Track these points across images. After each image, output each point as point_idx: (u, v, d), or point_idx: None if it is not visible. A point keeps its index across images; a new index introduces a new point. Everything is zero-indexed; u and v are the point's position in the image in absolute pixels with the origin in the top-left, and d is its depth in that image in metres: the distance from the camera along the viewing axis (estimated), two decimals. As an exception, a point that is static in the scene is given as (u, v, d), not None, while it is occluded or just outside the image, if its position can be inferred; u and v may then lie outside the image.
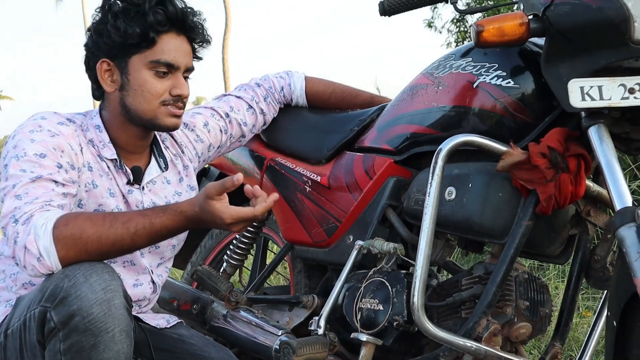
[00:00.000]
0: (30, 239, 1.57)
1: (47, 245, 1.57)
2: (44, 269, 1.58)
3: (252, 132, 2.19)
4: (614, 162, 1.46)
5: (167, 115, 1.79)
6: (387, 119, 1.98)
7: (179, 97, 1.79)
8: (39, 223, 1.58)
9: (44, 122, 1.73)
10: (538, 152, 1.56)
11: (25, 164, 1.66)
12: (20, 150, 1.67)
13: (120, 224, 1.61)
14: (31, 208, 1.61)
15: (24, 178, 1.64)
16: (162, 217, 1.63)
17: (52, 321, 1.53)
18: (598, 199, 1.69)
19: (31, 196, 1.62)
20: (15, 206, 1.61)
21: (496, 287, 1.60)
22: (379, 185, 1.91)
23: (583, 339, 1.83)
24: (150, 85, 1.76)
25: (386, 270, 1.80)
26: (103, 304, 1.53)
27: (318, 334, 1.84)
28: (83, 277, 1.54)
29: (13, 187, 1.63)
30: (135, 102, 1.78)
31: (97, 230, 1.59)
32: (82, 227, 1.59)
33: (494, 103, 1.67)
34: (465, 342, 1.59)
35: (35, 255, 1.57)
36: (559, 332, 1.75)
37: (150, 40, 1.74)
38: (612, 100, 1.45)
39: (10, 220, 1.60)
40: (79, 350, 1.53)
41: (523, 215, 1.60)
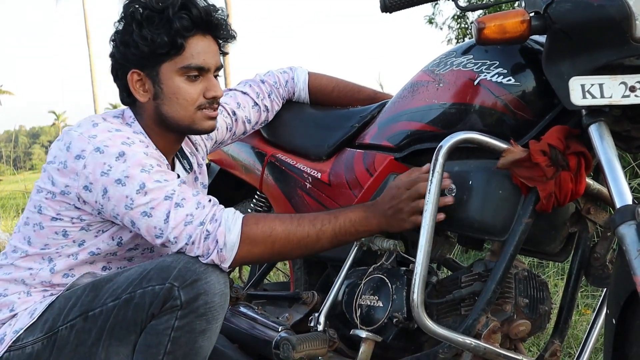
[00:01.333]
0: (220, 230, 1.64)
1: (234, 240, 1.64)
2: (217, 259, 1.64)
3: (253, 128, 2.20)
4: (615, 160, 1.46)
5: (204, 119, 1.80)
6: (388, 116, 1.97)
7: (213, 99, 1.80)
8: (227, 216, 1.66)
9: (125, 132, 1.73)
10: (538, 150, 1.56)
11: (157, 175, 1.68)
12: (142, 162, 1.67)
13: (307, 221, 1.70)
14: (208, 210, 1.66)
15: (169, 188, 1.67)
16: (346, 211, 1.72)
17: (179, 299, 1.61)
18: (598, 197, 1.69)
19: (191, 202, 1.67)
20: (187, 213, 1.65)
21: (496, 284, 1.60)
22: (380, 182, 1.91)
23: (582, 336, 1.83)
24: (185, 92, 1.77)
25: (386, 267, 1.80)
26: (223, 296, 1.65)
27: (318, 330, 1.84)
28: (212, 266, 1.65)
29: (166, 199, 1.65)
30: (171, 110, 1.78)
31: (286, 228, 1.68)
32: (272, 225, 1.68)
33: (494, 100, 1.67)
34: (465, 339, 1.59)
35: (219, 247, 1.64)
36: (558, 329, 1.75)
37: (179, 46, 1.74)
38: (613, 98, 1.45)
39: (189, 225, 1.64)
40: (190, 330, 1.63)
41: (523, 212, 1.60)
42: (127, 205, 1.65)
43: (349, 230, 1.70)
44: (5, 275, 1.79)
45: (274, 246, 1.67)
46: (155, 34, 1.72)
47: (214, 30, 1.81)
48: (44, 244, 1.77)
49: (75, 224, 1.74)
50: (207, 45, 1.79)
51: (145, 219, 1.65)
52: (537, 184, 1.57)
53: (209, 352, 1.68)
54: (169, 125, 1.80)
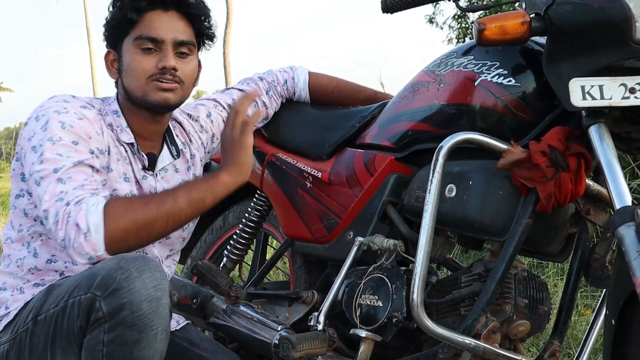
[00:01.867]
0: (81, 214, 1.59)
1: (98, 220, 1.59)
2: (88, 247, 1.58)
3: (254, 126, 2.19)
4: (614, 162, 1.46)
5: (155, 89, 1.80)
6: (389, 116, 1.98)
7: (164, 69, 1.80)
8: (90, 202, 1.61)
9: (68, 104, 1.75)
10: (539, 151, 1.56)
11: (62, 148, 1.67)
12: (54, 134, 1.68)
13: (162, 191, 1.77)
14: (81, 193, 1.63)
15: (63, 162, 1.66)
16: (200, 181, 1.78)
17: (100, 310, 1.52)
18: (598, 198, 1.70)
19: (76, 181, 1.64)
20: (62, 190, 1.62)
21: (495, 284, 1.60)
22: (380, 182, 1.92)
23: (581, 337, 1.83)
24: (137, 62, 1.80)
25: (386, 267, 1.80)
26: (152, 301, 1.54)
27: (317, 329, 1.84)
28: (137, 271, 1.54)
29: (55, 172, 1.64)
30: (128, 83, 1.82)
31: (142, 199, 1.72)
32: (129, 199, 1.72)
33: (495, 101, 1.68)
34: (464, 339, 1.60)
35: (82, 231, 1.58)
36: (558, 330, 1.75)
37: (130, 20, 1.79)
38: (613, 100, 1.46)
39: (59, 202, 1.61)
40: (122, 343, 1.53)
41: (523, 213, 1.60)
42: (29, 171, 1.67)
43: (204, 188, 1.73)
44: (5, 268, 1.80)
45: (136, 217, 1.61)
46: (114, 11, 1.81)
47: (178, 7, 1.84)
48: (19, 224, 1.79)
49: (30, 201, 1.76)
50: (168, 20, 1.82)
51: (35, 187, 1.66)
52: (537, 185, 1.58)
53: (155, 358, 1.58)
54: (132, 101, 1.83)
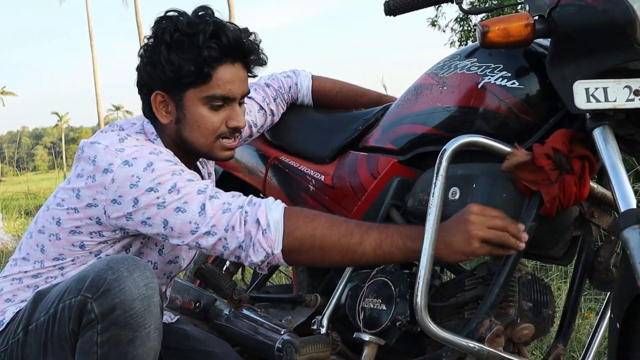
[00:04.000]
0: (261, 210, 1.60)
1: (278, 218, 1.60)
2: (266, 244, 1.59)
3: (258, 132, 2.20)
4: (619, 164, 1.46)
5: (222, 149, 1.80)
6: (392, 119, 1.97)
7: (235, 129, 1.79)
8: (269, 200, 1.62)
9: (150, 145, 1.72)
10: (542, 154, 1.56)
11: (189, 175, 1.67)
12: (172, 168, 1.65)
13: (355, 223, 1.64)
14: (244, 199, 1.63)
15: (202, 184, 1.65)
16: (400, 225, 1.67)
17: (92, 312, 1.53)
18: (602, 201, 1.69)
19: (226, 195, 1.63)
20: (223, 202, 1.62)
21: (499, 288, 1.59)
22: (383, 185, 1.91)
23: (586, 340, 1.83)
24: (207, 120, 1.76)
25: (389, 270, 1.80)
26: (144, 300, 1.55)
27: (320, 333, 1.84)
28: (127, 271, 1.54)
29: (200, 193, 1.62)
30: (192, 137, 1.77)
31: (330, 221, 1.64)
32: (317, 215, 1.66)
33: (498, 104, 1.67)
34: (468, 343, 1.59)
35: (262, 227, 1.59)
36: (562, 333, 1.74)
37: (205, 75, 1.72)
38: (617, 102, 1.45)
39: (227, 212, 1.60)
40: (116, 343, 1.54)
41: (527, 216, 1.60)
42: (160, 204, 1.62)
43: (397, 242, 1.59)
44: (18, 283, 1.78)
45: (315, 234, 1.59)
46: (183, 60, 1.70)
47: (244, 58, 1.78)
48: (59, 253, 1.76)
49: (93, 238, 1.73)
50: (235, 73, 1.77)
51: (179, 215, 1.61)
52: (541, 188, 1.57)
53: (151, 356, 1.59)
54: (188, 149, 1.80)
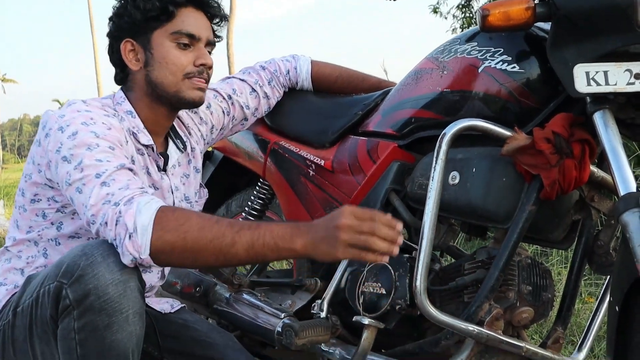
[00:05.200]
0: (130, 213, 1.52)
1: (146, 222, 1.51)
2: (132, 248, 1.51)
3: (255, 115, 2.19)
4: (619, 148, 1.45)
5: (191, 88, 1.80)
6: (392, 103, 1.97)
7: (203, 67, 1.80)
8: (142, 201, 1.55)
9: (93, 114, 1.70)
10: (542, 137, 1.55)
11: (100, 154, 1.62)
12: (90, 142, 1.63)
13: (226, 223, 1.54)
14: (129, 193, 1.57)
15: (105, 167, 1.60)
16: (271, 224, 1.54)
17: (67, 298, 1.52)
18: (602, 185, 1.69)
19: (120, 182, 1.58)
20: (107, 192, 1.57)
21: (499, 271, 1.60)
22: (383, 170, 1.91)
23: (585, 324, 1.83)
24: (174, 57, 1.78)
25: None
26: (119, 284, 1.53)
27: (320, 317, 1.84)
28: (101, 257, 1.54)
29: (97, 177, 1.58)
30: (160, 76, 1.79)
31: (201, 222, 1.52)
32: (188, 215, 1.54)
33: (498, 88, 1.67)
34: (468, 326, 1.59)
35: (128, 231, 1.52)
36: (561, 317, 1.75)
37: (170, 13, 1.77)
38: (618, 86, 1.45)
39: (106, 204, 1.55)
40: (93, 329, 1.53)
41: (527, 200, 1.60)
42: (67, 181, 1.61)
43: (269, 243, 1.49)
44: (6, 264, 1.79)
45: (186, 237, 1.50)
46: (148, 1, 1.77)
47: (207, 7, 1.84)
48: (28, 226, 1.78)
49: (51, 205, 1.74)
50: (199, 18, 1.83)
51: (77, 195, 1.60)
52: (540, 172, 1.57)
53: (132, 341, 1.57)
54: (158, 95, 1.80)
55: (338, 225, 1.43)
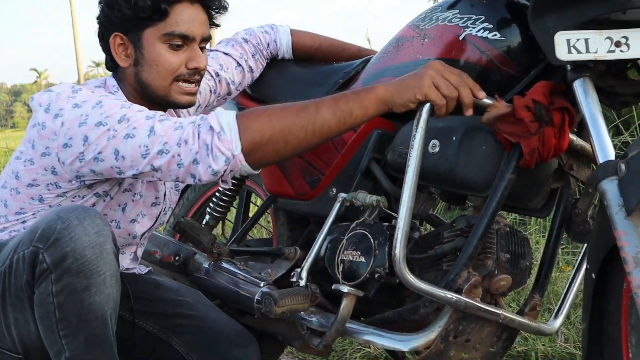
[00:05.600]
0: (212, 117, 1.57)
1: (230, 119, 1.56)
2: (224, 147, 1.54)
3: (238, 89, 2.17)
4: (599, 116, 1.45)
5: (181, 93, 1.75)
6: (372, 72, 1.96)
7: (195, 71, 1.75)
8: (218, 109, 1.60)
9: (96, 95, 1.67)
10: (523, 105, 1.55)
11: (137, 107, 1.63)
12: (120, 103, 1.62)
13: (308, 103, 1.61)
14: (195, 118, 1.60)
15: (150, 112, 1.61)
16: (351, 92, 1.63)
17: (44, 262, 1.52)
18: (581, 153, 1.69)
19: (177, 118, 1.61)
20: (175, 121, 1.59)
21: (477, 239, 1.60)
22: (363, 138, 1.90)
23: (562, 292, 1.85)
24: (165, 60, 1.72)
25: (369, 223, 1.80)
26: (95, 247, 1.54)
27: (300, 285, 1.84)
28: (77, 220, 1.53)
29: (148, 118, 1.59)
30: (150, 78, 1.73)
31: (281, 105, 1.61)
32: (265, 108, 1.62)
33: (479, 56, 1.66)
34: (446, 294, 1.60)
35: (216, 131, 1.55)
36: (539, 284, 1.76)
37: (163, 12, 1.69)
38: (598, 54, 1.44)
39: (179, 129, 1.57)
40: (71, 292, 1.53)
41: (506, 168, 1.60)
42: (110, 136, 1.58)
43: (351, 96, 1.60)
44: None
45: (272, 120, 1.56)
46: None
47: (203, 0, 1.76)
48: (20, 207, 1.74)
49: (51, 191, 1.71)
50: (195, 14, 1.74)
51: (129, 140, 1.57)
52: (520, 140, 1.57)
53: (110, 304, 1.58)
54: (148, 95, 1.76)
55: (427, 66, 1.58)
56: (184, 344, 1.93)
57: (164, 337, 1.94)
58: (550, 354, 2.52)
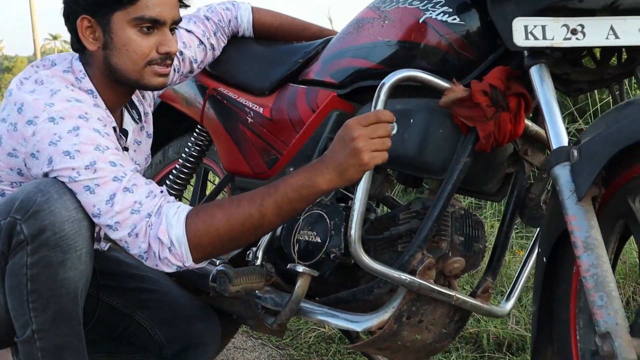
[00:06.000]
0: (162, 229, 1.54)
1: (180, 234, 1.54)
2: (175, 259, 1.56)
3: (199, 68, 2.15)
4: (553, 102, 1.47)
5: (153, 75, 1.71)
6: (332, 52, 1.96)
7: (167, 55, 1.70)
8: (170, 213, 1.56)
9: (83, 105, 1.62)
10: (480, 90, 1.56)
11: (112, 156, 1.58)
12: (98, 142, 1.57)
13: (246, 200, 1.57)
14: (157, 201, 1.57)
15: (122, 171, 1.56)
16: (286, 180, 1.57)
17: (22, 234, 1.51)
18: (536, 139, 1.72)
19: (142, 188, 1.57)
20: (135, 200, 1.55)
21: (432, 222, 1.62)
22: (322, 119, 1.90)
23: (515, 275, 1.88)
24: (136, 45, 1.66)
25: (325, 204, 1.80)
26: (75, 222, 1.54)
27: (255, 264, 1.85)
28: (57, 194, 1.52)
29: (116, 180, 1.55)
30: (120, 62, 1.68)
31: (225, 213, 1.56)
32: (212, 213, 1.57)
33: (439, 39, 1.67)
34: (400, 275, 1.61)
35: (166, 245, 1.54)
36: (491, 267, 1.78)
37: None
38: (555, 41, 1.46)
39: (135, 214, 1.54)
40: (46, 265, 1.53)
41: (462, 152, 1.61)
42: (72, 177, 1.55)
43: (293, 197, 1.55)
44: None
45: (219, 234, 1.56)
46: None
47: None
48: None
49: (14, 188, 1.68)
50: None
51: (86, 194, 1.55)
52: (477, 124, 1.58)
53: (82, 281, 1.59)
54: (118, 78, 1.71)
55: (352, 139, 1.51)
56: (147, 318, 1.94)
57: (128, 312, 1.94)
58: (502, 336, 2.56)
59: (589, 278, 1.28)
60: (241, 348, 2.73)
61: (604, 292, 1.27)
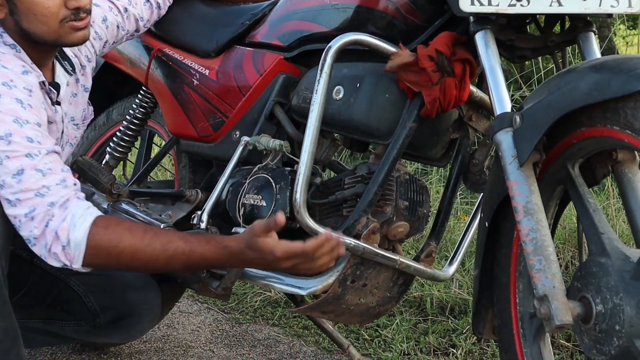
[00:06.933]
0: (63, 227, 1.49)
1: (79, 239, 1.50)
2: (64, 258, 1.51)
3: (145, 27, 2.10)
4: (497, 68, 1.48)
5: (71, 31, 1.64)
6: (280, 14, 1.93)
7: (78, 10, 1.63)
8: (77, 212, 1.50)
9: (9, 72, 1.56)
10: (426, 55, 1.56)
11: (31, 131, 1.51)
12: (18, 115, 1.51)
13: (160, 243, 1.54)
14: (66, 193, 1.51)
15: (37, 148, 1.51)
16: (204, 246, 1.54)
17: None
18: (480, 105, 1.73)
19: (56, 174, 1.51)
20: (43, 184, 1.49)
21: (377, 186, 1.62)
22: (268, 82, 1.89)
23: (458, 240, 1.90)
24: (40, 6, 1.59)
25: (271, 167, 1.79)
26: None
27: (200, 228, 1.83)
28: None
29: (28, 157, 1.49)
30: (32, 27, 1.61)
31: (134, 244, 1.52)
32: (121, 236, 1.52)
33: (386, 4, 1.66)
34: (345, 239, 1.62)
35: (61, 243, 1.49)
36: (435, 232, 1.80)
37: None
38: (500, 7, 1.46)
39: (39, 197, 1.49)
40: None
41: (407, 117, 1.62)
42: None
43: (201, 265, 1.64)
44: None
45: (119, 258, 1.53)
46: None
47: None
48: None
49: None
50: None
51: None
52: (422, 89, 1.58)
53: None
54: (36, 41, 1.65)
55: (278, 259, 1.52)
56: (82, 284, 1.90)
57: (62, 277, 1.90)
58: (445, 300, 2.60)
59: (529, 242, 1.31)
60: (186, 312, 2.72)
61: (543, 256, 1.29)
